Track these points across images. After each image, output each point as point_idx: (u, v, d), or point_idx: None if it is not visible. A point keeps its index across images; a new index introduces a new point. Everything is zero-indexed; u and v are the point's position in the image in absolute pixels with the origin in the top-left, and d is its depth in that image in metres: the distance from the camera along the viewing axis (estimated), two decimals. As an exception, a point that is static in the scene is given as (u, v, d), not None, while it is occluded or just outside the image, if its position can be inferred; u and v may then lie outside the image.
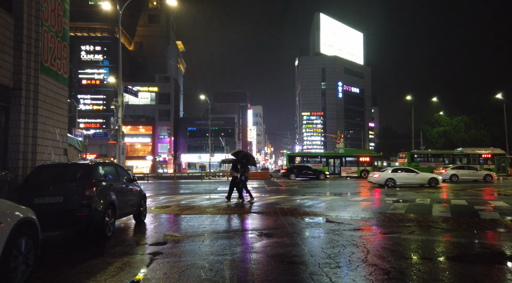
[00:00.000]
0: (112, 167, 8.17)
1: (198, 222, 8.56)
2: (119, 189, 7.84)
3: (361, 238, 6.45)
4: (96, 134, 17.81)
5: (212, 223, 8.52)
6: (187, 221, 8.95)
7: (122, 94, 18.55)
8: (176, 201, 13.80)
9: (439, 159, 36.27)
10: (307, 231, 7.23)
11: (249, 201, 12.65)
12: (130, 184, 8.62)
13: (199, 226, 8.01)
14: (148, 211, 10.69)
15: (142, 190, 9.40)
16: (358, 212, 9.78)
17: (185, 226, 8.12)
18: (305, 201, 12.91)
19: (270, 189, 21.09)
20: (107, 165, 8.07)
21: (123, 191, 8.03)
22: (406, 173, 21.09)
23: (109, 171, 7.87)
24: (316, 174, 31.92)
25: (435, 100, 54.57)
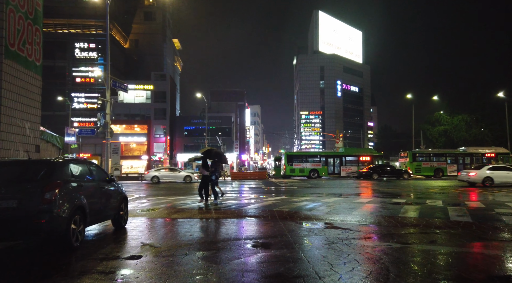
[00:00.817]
0: (85, 165, 7.07)
1: (185, 228, 7.49)
2: (92, 190, 6.76)
3: (376, 249, 5.39)
4: (83, 132, 16.70)
5: (200, 230, 7.45)
6: (173, 226, 7.88)
7: (109, 89, 17.43)
8: (166, 202, 12.72)
9: (441, 158, 35.31)
10: (310, 240, 6.16)
11: (212, 203, 12.00)
12: (107, 184, 7.53)
13: (185, 233, 6.93)
14: (132, 215, 9.63)
15: (122, 191, 8.32)
16: (365, 216, 8.73)
17: (169, 233, 7.04)
18: (305, 203, 11.85)
19: (268, 190, 20.04)
20: (79, 162, 6.97)
21: (97, 193, 6.95)
22: (505, 171, 19.83)
23: (80, 169, 6.78)
24: (398, 174, 31.62)
25: (435, 99, 53.69)
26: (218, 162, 12.65)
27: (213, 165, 12.50)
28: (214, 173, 12.35)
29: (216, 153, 13.04)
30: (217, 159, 12.66)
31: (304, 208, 10.39)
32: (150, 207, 11.37)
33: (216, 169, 12.46)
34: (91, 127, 16.58)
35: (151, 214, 9.78)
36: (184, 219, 8.85)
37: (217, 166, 12.54)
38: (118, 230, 7.65)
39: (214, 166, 12.46)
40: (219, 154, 13.05)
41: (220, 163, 12.81)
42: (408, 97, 50.94)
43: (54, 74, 59.67)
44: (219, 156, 12.85)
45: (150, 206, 11.68)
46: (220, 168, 13.05)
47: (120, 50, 67.64)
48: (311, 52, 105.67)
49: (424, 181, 28.62)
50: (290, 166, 34.82)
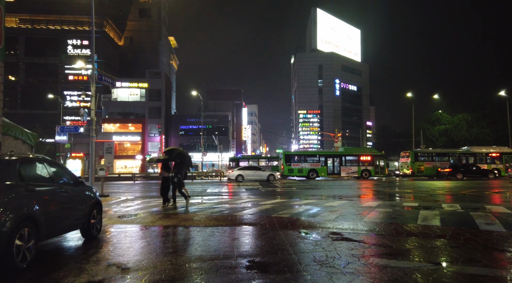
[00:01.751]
0: (42, 165, 5.81)
1: (166, 241, 6.27)
2: (50, 196, 5.51)
3: (404, 272, 4.19)
4: (65, 129, 15.44)
5: (185, 242, 6.22)
6: (153, 238, 6.64)
7: (95, 83, 16.18)
8: (154, 206, 11.49)
9: (444, 158, 34.29)
10: (318, 258, 4.95)
11: (171, 206, 11.31)
12: (73, 188, 6.30)
13: (165, 248, 5.70)
14: (112, 221, 8.41)
15: (94, 195, 7.09)
16: (379, 224, 7.53)
17: (146, 247, 5.81)
18: (307, 207, 10.64)
19: (265, 191, 18.82)
20: (33, 161, 5.71)
21: (58, 198, 5.71)
22: None
23: (35, 171, 5.53)
24: (484, 173, 30.07)
25: (436, 97, 52.68)
26: (181, 163, 11.65)
27: (176, 166, 11.68)
28: (177, 175, 11.43)
29: (179, 154, 11.84)
30: (179, 160, 11.66)
31: (306, 214, 9.18)
32: (134, 212, 10.13)
33: (178, 170, 11.52)
34: (74, 124, 15.32)
35: (133, 221, 8.55)
36: (168, 228, 7.62)
37: (180, 168, 11.58)
38: (88, 241, 6.44)
39: (177, 168, 11.58)
40: (182, 154, 11.89)
41: (183, 165, 11.73)
42: (408, 96, 49.92)
43: (46, 72, 58.32)
44: (182, 157, 11.75)
45: (135, 211, 10.45)
46: (184, 170, 11.95)
47: (114, 48, 66.28)
48: (309, 50, 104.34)
49: (427, 181, 27.52)
50: (288, 166, 33.63)
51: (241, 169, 30.09)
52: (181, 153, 11.94)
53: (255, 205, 11.50)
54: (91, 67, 16.96)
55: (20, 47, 58.42)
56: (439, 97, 54.52)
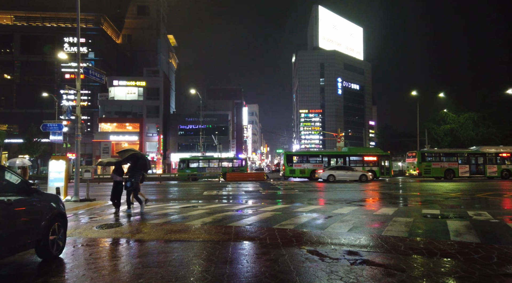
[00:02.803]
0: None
1: (140, 264, 4.93)
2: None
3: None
4: (48, 127, 14.22)
5: (162, 266, 4.88)
6: (126, 258, 5.32)
7: (79, 77, 14.92)
8: (140, 212, 10.17)
9: (453, 158, 32.90)
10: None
11: (126, 212, 10.39)
12: (25, 198, 5.01)
13: (136, 275, 4.38)
14: (86, 233, 7.12)
15: (57, 205, 5.79)
16: (405, 240, 6.20)
17: (112, 274, 4.48)
18: (313, 215, 9.31)
19: (266, 194, 17.51)
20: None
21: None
22: None
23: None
24: None
25: (441, 96, 51.24)
26: (134, 166, 10.71)
27: (130, 169, 10.79)
28: (130, 179, 10.51)
29: (132, 156, 10.76)
30: (132, 163, 10.73)
31: (313, 224, 7.85)
32: (117, 220, 8.81)
33: (132, 174, 10.59)
34: (58, 122, 14.14)
35: (110, 233, 7.24)
36: (148, 242, 6.30)
37: (134, 171, 10.64)
38: (46, 262, 5.16)
39: (130, 171, 10.69)
40: (137, 157, 10.82)
41: (137, 168, 10.77)
42: (413, 95, 48.59)
43: (42, 70, 57.11)
44: (136, 159, 10.73)
45: (119, 218, 9.13)
46: (138, 173, 10.88)
47: (112, 46, 65.05)
48: (311, 49, 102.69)
49: (435, 183, 26.16)
50: (290, 166, 32.32)
51: (333, 169, 28.54)
52: (135, 155, 10.87)
53: (254, 212, 10.16)
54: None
55: (16, 45, 57.22)
56: (444, 96, 53.06)
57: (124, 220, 9.03)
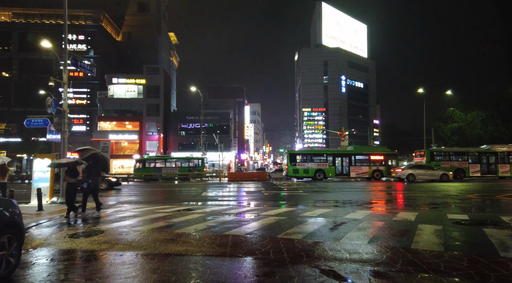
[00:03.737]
0: None
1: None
2: None
3: None
4: (32, 123, 13.15)
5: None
6: (87, 277, 4.15)
7: (66, 67, 13.81)
8: (129, 218, 9.01)
9: (463, 158, 31.56)
10: None
11: (78, 215, 9.69)
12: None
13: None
14: (54, 245, 5.96)
15: (6, 213, 4.63)
16: (441, 257, 4.99)
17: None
18: (323, 221, 8.11)
19: (269, 195, 16.33)
20: None
21: None
22: None
23: None
24: None
25: (449, 93, 49.80)
26: (94, 166, 9.96)
27: (87, 170, 10.00)
28: (87, 180, 9.79)
29: (93, 155, 9.97)
30: (92, 163, 9.94)
31: (325, 233, 6.64)
32: (97, 227, 7.65)
33: (90, 175, 9.87)
34: (43, 117, 13.11)
35: (84, 244, 6.08)
36: (125, 255, 5.12)
37: (91, 171, 9.94)
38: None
39: (88, 171, 9.94)
40: (97, 157, 10.08)
41: (96, 168, 10.06)
42: (419, 92, 47.20)
43: (40, 68, 56.06)
44: (96, 160, 9.99)
45: (100, 225, 7.97)
46: (97, 174, 10.25)
47: (112, 43, 63.99)
48: (314, 46, 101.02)
49: (446, 183, 24.87)
50: (293, 166, 31.10)
51: (412, 168, 27.33)
52: (95, 155, 10.12)
53: (256, 217, 8.96)
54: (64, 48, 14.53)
55: (14, 43, 56.25)
56: (451, 94, 51.66)
57: (104, 226, 7.86)
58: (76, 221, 8.93)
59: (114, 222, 8.39)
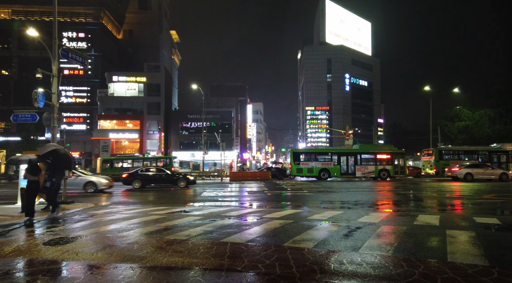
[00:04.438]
0: None
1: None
2: None
3: None
4: (19, 118, 12.33)
5: None
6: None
7: (57, 59, 12.96)
8: (118, 221, 8.10)
9: (473, 156, 30.55)
10: None
11: (49, 217, 9.01)
12: None
13: None
14: (24, 252, 5.08)
15: None
16: (487, 274, 4.04)
17: None
18: (335, 227, 7.16)
19: (272, 196, 15.38)
20: None
21: None
22: None
23: None
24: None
25: (456, 91, 48.63)
26: (56, 163, 9.28)
27: (49, 167, 9.25)
28: (50, 179, 9.04)
29: (53, 152, 9.24)
30: (53, 160, 9.23)
31: (340, 240, 5.69)
32: (80, 231, 6.74)
33: (52, 173, 9.14)
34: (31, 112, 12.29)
35: (56, 253, 5.17)
36: (93, 269, 4.19)
37: (55, 170, 9.22)
38: None
39: (50, 169, 9.18)
40: (58, 153, 9.37)
41: (58, 165, 9.38)
42: (426, 90, 46.12)
43: (40, 66, 55.29)
44: (57, 156, 9.30)
45: (84, 230, 7.06)
46: (61, 172, 9.64)
47: (113, 41, 63.21)
48: (317, 44, 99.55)
49: (457, 183, 23.84)
50: (297, 165, 30.15)
51: (470, 167, 26.27)
52: (56, 151, 9.37)
53: (258, 220, 8.02)
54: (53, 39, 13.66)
55: (14, 41, 55.56)
56: (458, 92, 50.46)
57: (82, 232, 6.93)
58: (57, 224, 8.03)
59: (100, 226, 7.48)
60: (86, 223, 7.99)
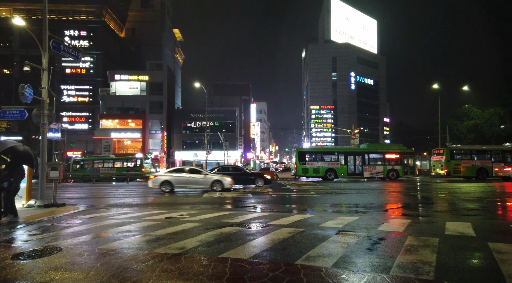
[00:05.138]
0: None
1: None
2: None
3: None
4: (7, 115, 11.57)
5: None
6: None
7: (47, 50, 12.13)
8: (103, 228, 7.19)
9: (486, 156, 29.35)
10: None
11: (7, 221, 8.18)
12: None
13: None
14: None
15: None
16: None
17: None
18: (355, 236, 6.18)
19: (277, 197, 14.43)
20: None
21: None
22: None
23: None
24: None
25: (465, 89, 47.35)
26: (15, 161, 8.59)
27: (8, 166, 8.46)
28: (8, 178, 8.23)
29: (12, 149, 8.56)
30: (12, 158, 8.57)
31: (364, 258, 4.70)
32: (53, 242, 5.83)
33: (12, 172, 8.35)
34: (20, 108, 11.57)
35: (22, 273, 4.23)
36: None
37: (14, 168, 8.47)
38: None
39: (8, 168, 8.38)
40: (17, 150, 8.67)
41: (18, 164, 8.67)
42: (434, 88, 44.90)
43: (41, 64, 54.81)
44: (16, 153, 8.63)
45: (63, 239, 6.15)
46: (21, 171, 8.80)
47: (115, 40, 62.55)
48: (322, 42, 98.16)
49: (470, 184, 22.75)
50: (303, 165, 29.16)
51: None
52: (14, 148, 8.54)
53: (263, 228, 7.06)
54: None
55: (15, 39, 55.05)
56: (467, 90, 49.15)
57: (64, 242, 6.01)
58: (38, 232, 7.12)
59: (80, 236, 6.55)
60: (69, 231, 7.08)
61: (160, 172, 19.75)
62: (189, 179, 17.57)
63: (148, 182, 18.20)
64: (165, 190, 17.43)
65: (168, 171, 18.80)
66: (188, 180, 17.55)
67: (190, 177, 17.64)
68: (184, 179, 17.57)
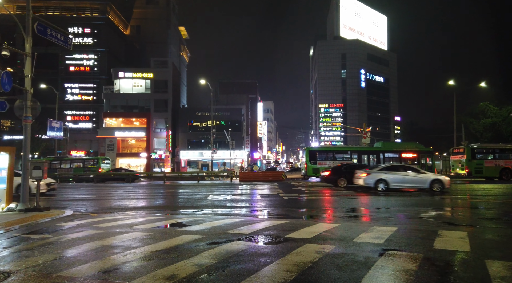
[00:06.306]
0: None
1: None
2: None
3: None
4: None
5: None
6: None
7: (31, 35, 10.76)
8: (80, 242, 5.70)
9: (509, 155, 27.42)
10: None
11: None
12: None
13: None
14: None
15: None
16: None
17: None
18: (408, 258, 4.61)
19: (290, 200, 12.86)
20: None
21: None
22: None
23: None
24: None
25: (483, 86, 45.25)
26: None
27: None
28: None
29: None
30: None
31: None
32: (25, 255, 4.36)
33: None
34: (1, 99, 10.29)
35: None
36: None
37: None
38: None
39: None
40: None
41: None
42: (450, 84, 42.94)
43: (45, 62, 53.87)
44: None
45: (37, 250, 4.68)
46: None
47: (120, 37, 61.51)
48: (331, 38, 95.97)
49: (496, 185, 20.94)
50: (313, 164, 27.54)
51: None
52: None
53: (278, 244, 5.50)
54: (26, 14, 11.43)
55: (18, 37, 54.22)
56: (485, 86, 47.03)
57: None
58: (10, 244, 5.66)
59: (42, 254, 5.06)
60: (34, 246, 5.60)
61: (374, 170, 17.14)
62: (405, 178, 16.02)
63: (359, 180, 16.96)
64: (378, 188, 15.90)
65: (378, 169, 17.01)
66: (405, 179, 16.01)
67: (406, 175, 16.08)
68: (400, 177, 16.02)
